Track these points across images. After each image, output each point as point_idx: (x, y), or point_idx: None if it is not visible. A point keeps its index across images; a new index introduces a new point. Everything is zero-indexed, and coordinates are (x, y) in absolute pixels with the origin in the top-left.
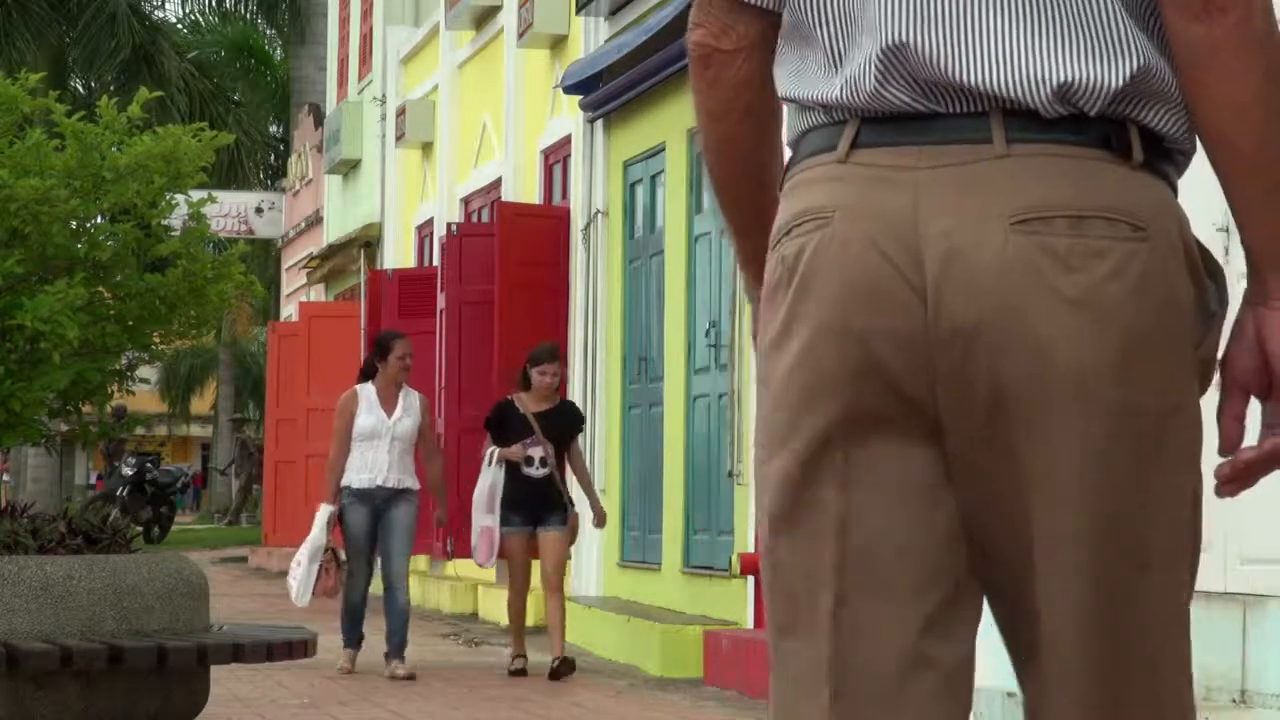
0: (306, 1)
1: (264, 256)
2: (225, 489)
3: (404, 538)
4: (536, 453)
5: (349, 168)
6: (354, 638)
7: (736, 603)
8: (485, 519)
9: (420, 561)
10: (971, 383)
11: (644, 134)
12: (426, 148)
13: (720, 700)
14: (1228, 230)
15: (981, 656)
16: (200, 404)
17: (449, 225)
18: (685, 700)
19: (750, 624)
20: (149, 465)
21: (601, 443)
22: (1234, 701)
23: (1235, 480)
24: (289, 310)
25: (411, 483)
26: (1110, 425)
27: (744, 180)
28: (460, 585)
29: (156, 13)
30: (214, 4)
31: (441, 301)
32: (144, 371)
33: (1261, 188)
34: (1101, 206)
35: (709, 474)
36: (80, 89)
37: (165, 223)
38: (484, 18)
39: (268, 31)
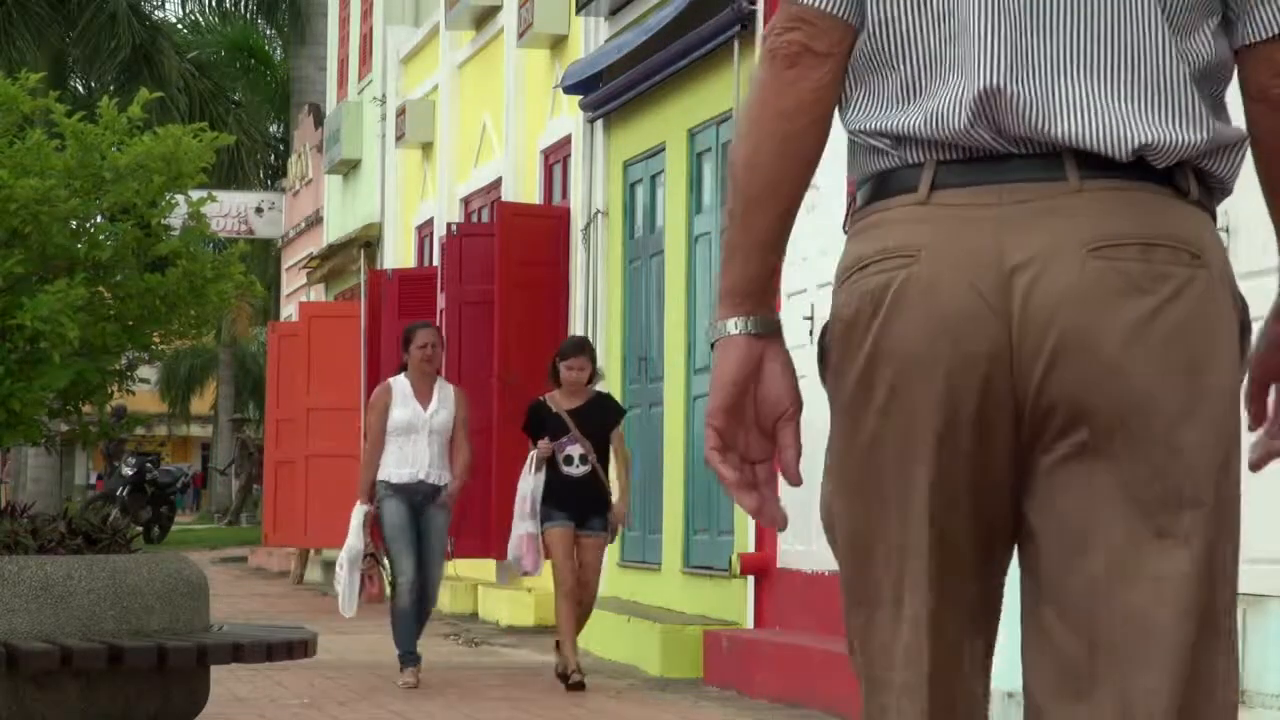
0: (306, 1)
1: (264, 256)
2: (225, 489)
3: (441, 543)
4: (575, 451)
5: (349, 168)
6: (412, 652)
7: (736, 603)
8: (526, 525)
9: None
10: (1052, 397)
11: (644, 134)
12: (426, 148)
13: (720, 700)
14: (1227, 231)
15: None
16: (200, 404)
17: (449, 225)
18: (685, 700)
19: (750, 624)
20: (149, 465)
21: None
22: None
23: (1262, 463)
24: (289, 310)
25: (449, 479)
26: (1185, 431)
27: (797, 184)
28: (460, 585)
29: (156, 13)
30: (214, 4)
31: (441, 301)
32: (144, 371)
33: None
34: (1166, 236)
35: (709, 474)
36: (80, 89)
37: (165, 222)
38: (484, 18)
39: (268, 31)
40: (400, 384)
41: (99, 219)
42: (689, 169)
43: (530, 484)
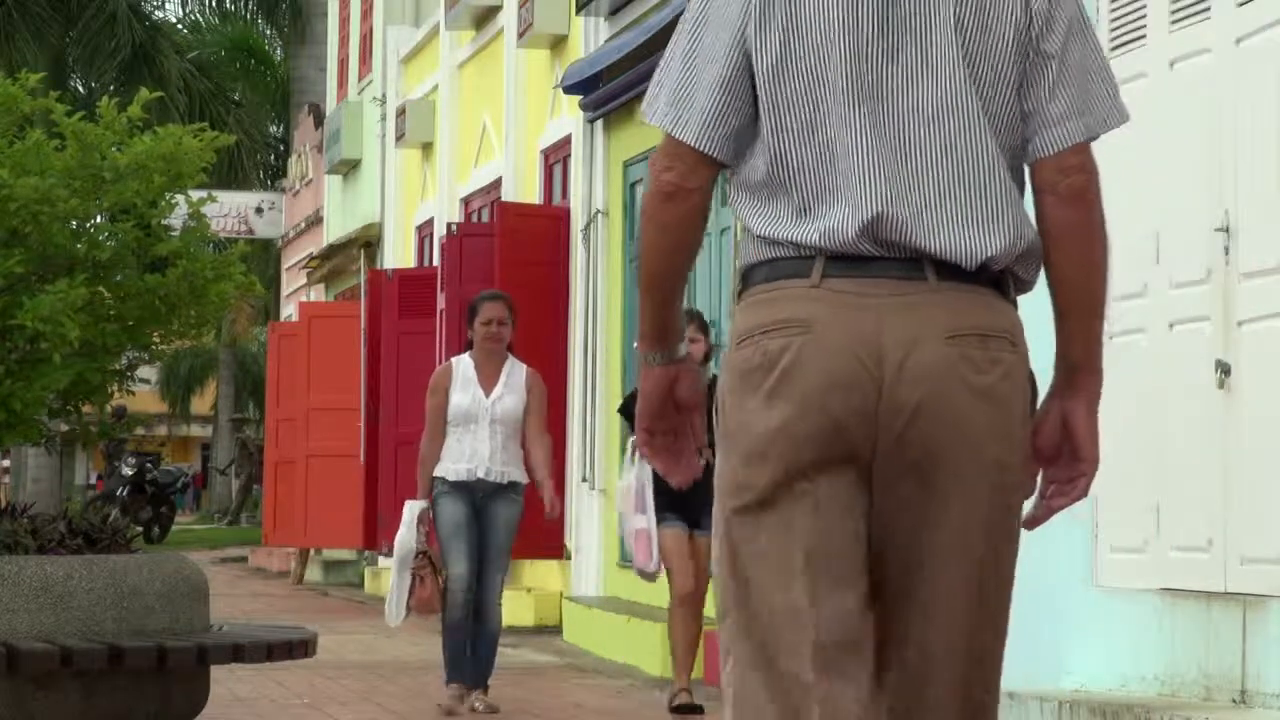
0: (307, 1)
1: (264, 256)
2: (225, 489)
3: (503, 549)
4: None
5: (349, 168)
6: (459, 670)
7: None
8: (637, 520)
9: None
10: (909, 444)
11: (644, 134)
12: (426, 148)
13: (720, 700)
14: (1226, 230)
15: None
16: (200, 404)
17: (449, 225)
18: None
19: None
20: (149, 465)
21: (602, 443)
22: (1234, 702)
23: (1037, 522)
24: (289, 310)
25: (519, 475)
26: (997, 476)
27: (680, 275)
28: None
29: (156, 13)
30: (214, 4)
31: (441, 301)
32: (144, 371)
33: (1092, 318)
34: (997, 329)
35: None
36: (80, 89)
37: (165, 223)
38: (484, 18)
39: (268, 31)
40: (463, 364)
41: (99, 219)
42: None
43: (634, 473)
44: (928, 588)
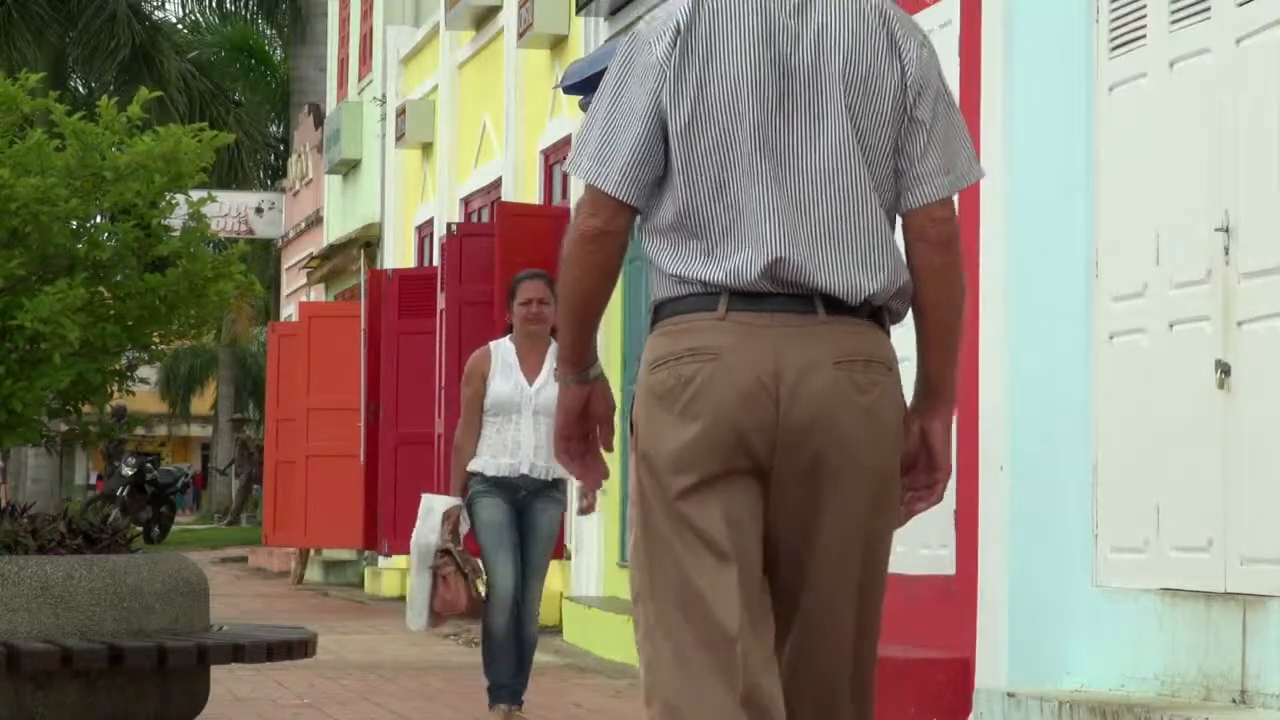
0: (307, 1)
1: (264, 256)
2: (225, 489)
3: (544, 552)
4: None
5: (349, 168)
6: (503, 686)
7: None
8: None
9: None
10: (803, 453)
11: None
12: (426, 148)
13: None
14: (1227, 230)
15: (982, 660)
16: (200, 404)
17: (449, 225)
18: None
19: None
20: (149, 465)
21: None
22: (1234, 702)
23: (899, 523)
24: (289, 310)
25: (563, 471)
26: (876, 480)
27: (599, 307)
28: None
29: (156, 13)
30: (214, 4)
31: (441, 302)
32: (144, 371)
33: (952, 349)
34: (876, 355)
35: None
36: (80, 89)
37: (165, 223)
38: (484, 18)
39: (268, 32)
40: (502, 349)
41: (99, 219)
42: None
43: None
44: (819, 576)
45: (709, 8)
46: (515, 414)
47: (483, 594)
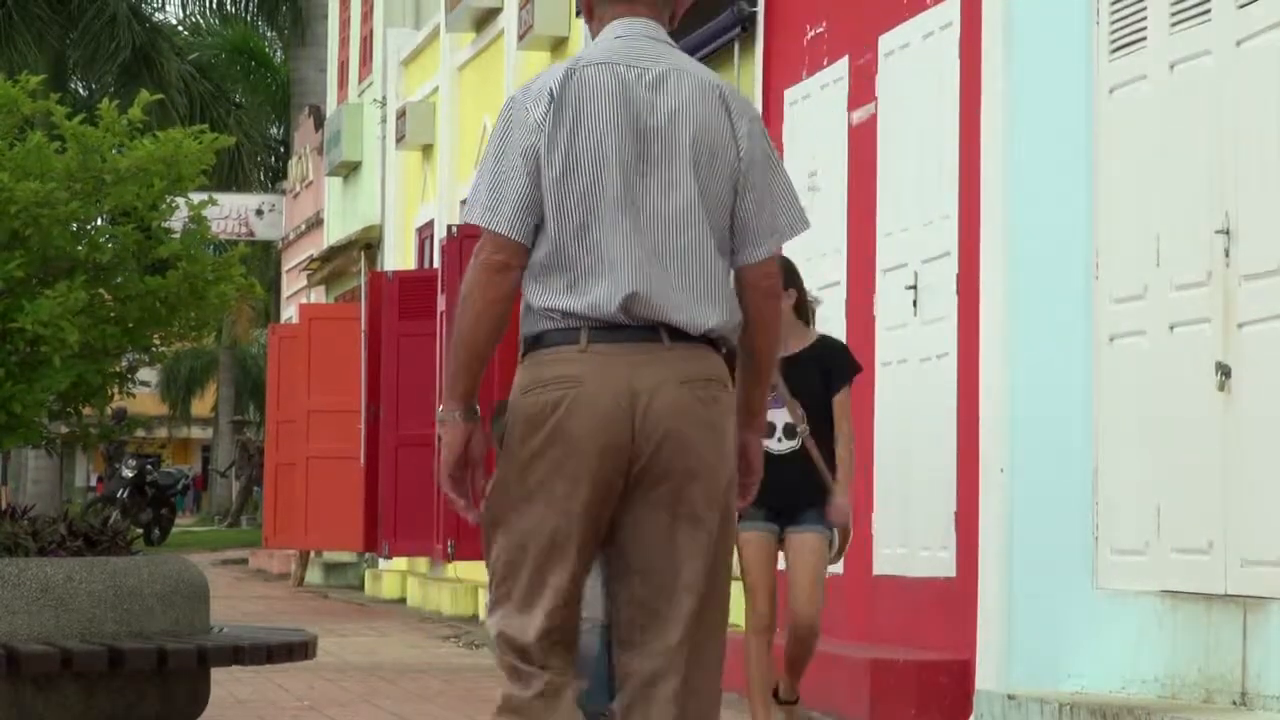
0: (307, 3)
1: (264, 258)
2: (225, 491)
3: None
4: (779, 417)
5: (349, 170)
6: (603, 714)
7: (735, 605)
8: None
9: (420, 564)
10: (657, 461)
11: None
12: (427, 150)
13: (720, 701)
14: (1227, 233)
15: (982, 662)
16: (201, 406)
17: (449, 227)
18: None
19: None
20: (149, 467)
21: None
22: (1234, 704)
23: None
24: (289, 312)
25: None
26: (719, 482)
27: (493, 344)
28: (461, 588)
29: (157, 15)
30: (214, 6)
31: (442, 303)
32: (144, 374)
33: (768, 379)
34: (715, 376)
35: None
36: (81, 91)
37: (165, 225)
38: (484, 20)
39: (268, 34)
40: None
41: (99, 221)
42: None
43: None
44: (675, 566)
45: (577, 79)
46: None
47: None
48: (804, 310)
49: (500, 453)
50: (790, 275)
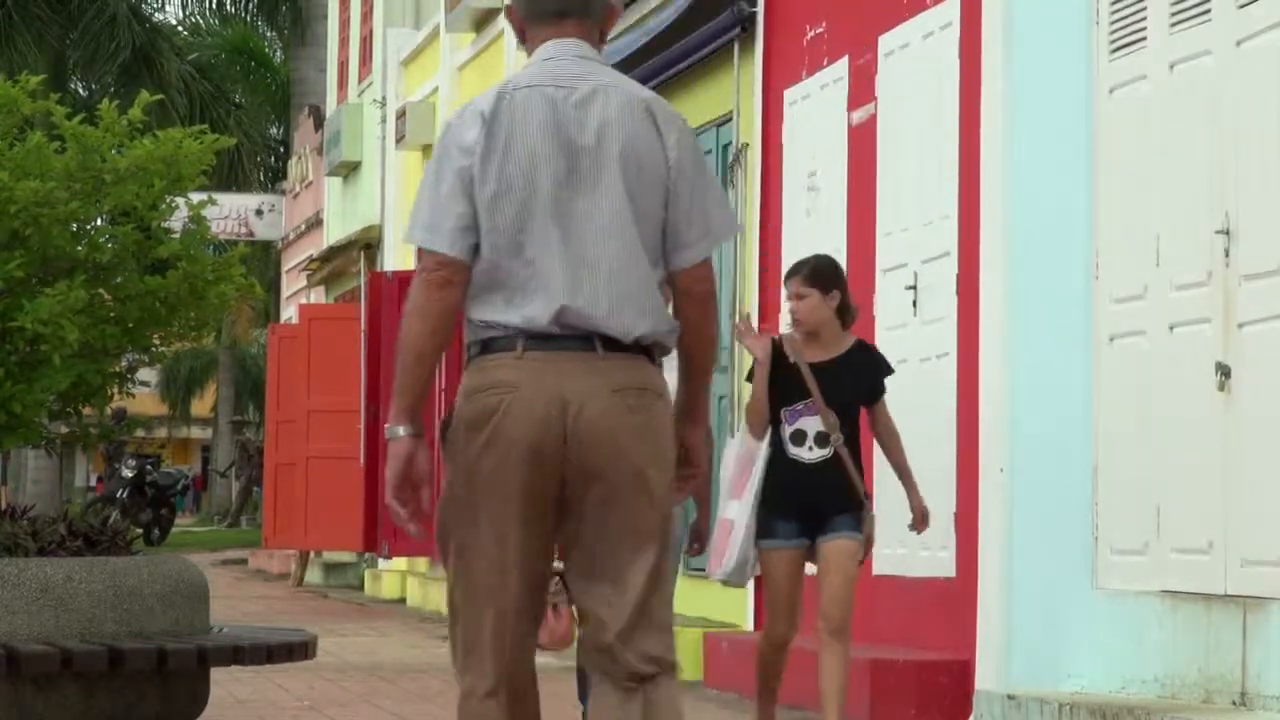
0: (307, 4)
1: (264, 258)
2: (225, 491)
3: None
4: (810, 424)
5: (349, 170)
6: None
7: (736, 605)
8: (728, 507)
9: (420, 564)
10: (589, 463)
11: None
12: (427, 150)
13: (720, 702)
14: (1227, 233)
15: (982, 662)
16: (200, 406)
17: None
18: (685, 701)
19: (750, 626)
20: (149, 467)
21: None
22: (1234, 704)
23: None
24: (289, 312)
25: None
26: (650, 482)
27: (437, 357)
28: None
29: (157, 15)
30: (214, 6)
31: None
32: (144, 374)
33: (706, 378)
34: (648, 384)
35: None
36: (80, 91)
37: (165, 225)
38: (484, 20)
39: (268, 34)
40: None
41: (99, 221)
42: None
43: (739, 446)
44: (612, 561)
45: (508, 101)
46: None
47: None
48: (846, 313)
49: (446, 460)
50: (835, 277)
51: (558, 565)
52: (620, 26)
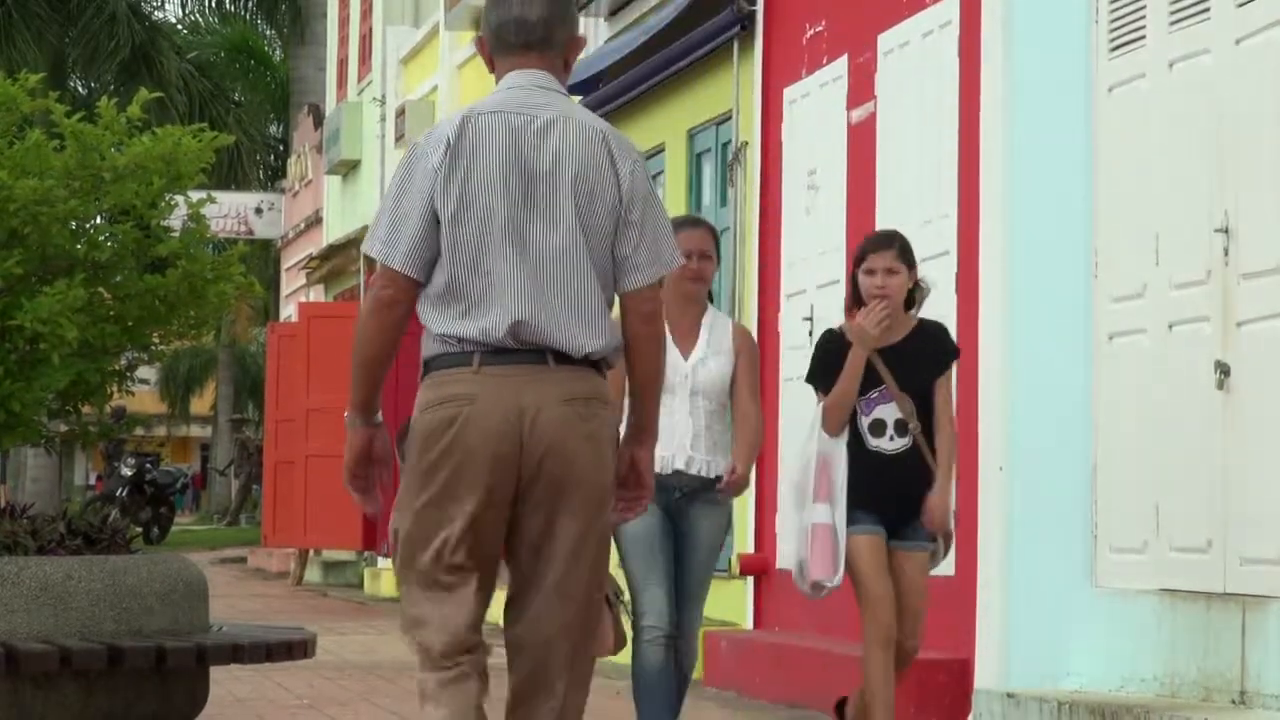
0: (306, 2)
1: (263, 257)
2: (225, 489)
3: (705, 569)
4: (889, 413)
5: (348, 168)
6: None
7: (735, 604)
8: (815, 511)
9: None
10: (542, 471)
11: (644, 134)
12: None
13: (719, 700)
14: (1226, 231)
15: (981, 661)
16: (200, 404)
17: None
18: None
19: (749, 625)
20: (148, 466)
21: None
22: (1234, 702)
23: (613, 526)
24: (288, 311)
25: (727, 468)
26: (597, 491)
27: (387, 363)
28: None
29: (156, 13)
30: (214, 4)
31: None
32: (143, 372)
33: (654, 395)
34: (595, 394)
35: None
36: (80, 89)
37: (165, 223)
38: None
39: (267, 32)
40: None
41: (98, 220)
42: (689, 169)
43: (815, 446)
44: (556, 563)
45: (472, 126)
46: (668, 394)
47: (627, 625)
48: (912, 294)
49: (403, 468)
50: (907, 255)
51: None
52: (620, 25)
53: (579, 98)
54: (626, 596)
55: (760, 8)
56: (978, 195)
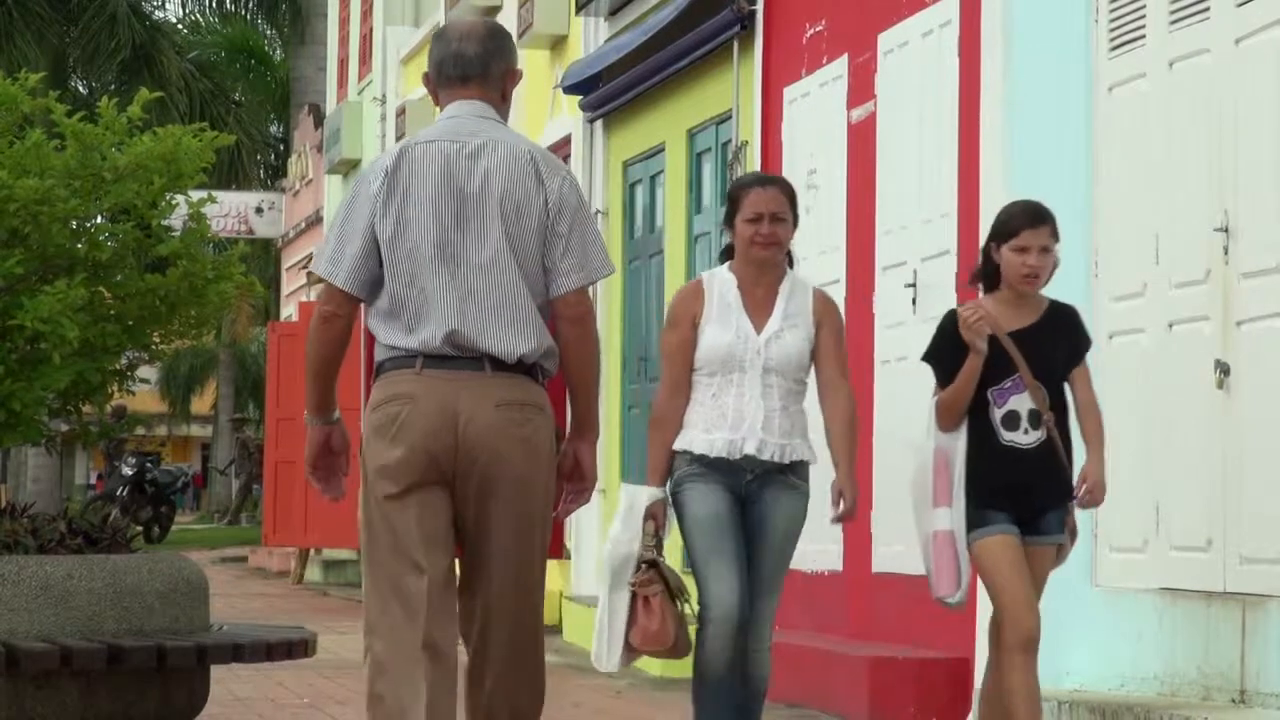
0: (307, 2)
1: (264, 256)
2: (225, 489)
3: (779, 559)
4: (1023, 404)
5: (349, 168)
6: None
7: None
8: (938, 518)
9: None
10: (475, 470)
11: (644, 134)
12: None
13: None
14: (1226, 230)
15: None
16: (200, 404)
17: None
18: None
19: None
20: (149, 465)
21: (601, 443)
22: (1233, 701)
23: (560, 519)
24: (289, 310)
25: (805, 452)
26: (531, 489)
27: (334, 369)
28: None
29: (157, 13)
30: (214, 4)
31: None
32: (144, 371)
33: (591, 393)
34: (531, 400)
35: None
36: (80, 89)
37: (165, 223)
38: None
39: (268, 32)
40: (720, 281)
41: (99, 219)
42: (688, 169)
43: (935, 445)
44: (492, 559)
45: (408, 156)
46: (737, 372)
47: (691, 619)
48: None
49: (362, 465)
50: (1056, 232)
51: (648, 555)
52: (620, 24)
53: (579, 98)
54: (693, 597)
55: (760, 7)
56: (978, 195)
